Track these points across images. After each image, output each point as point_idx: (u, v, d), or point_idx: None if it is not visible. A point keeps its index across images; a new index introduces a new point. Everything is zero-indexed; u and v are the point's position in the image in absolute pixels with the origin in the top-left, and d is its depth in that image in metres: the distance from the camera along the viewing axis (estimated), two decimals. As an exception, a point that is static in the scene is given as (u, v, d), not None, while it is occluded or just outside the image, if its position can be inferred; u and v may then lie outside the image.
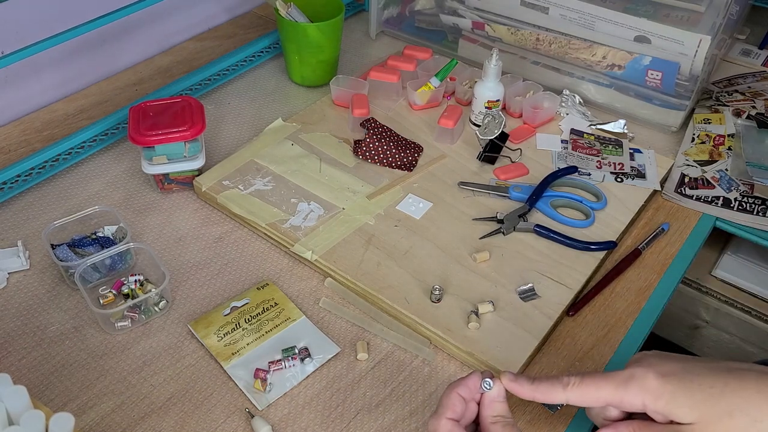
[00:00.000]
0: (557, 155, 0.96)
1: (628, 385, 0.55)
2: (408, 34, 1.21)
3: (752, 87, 1.11)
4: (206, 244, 0.83)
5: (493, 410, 0.57)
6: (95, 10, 0.96)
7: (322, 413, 0.67)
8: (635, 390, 0.55)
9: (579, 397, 0.56)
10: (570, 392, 0.56)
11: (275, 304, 0.76)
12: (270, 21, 1.27)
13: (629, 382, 0.55)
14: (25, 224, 0.85)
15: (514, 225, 0.84)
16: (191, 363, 0.71)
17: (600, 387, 0.56)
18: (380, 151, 0.92)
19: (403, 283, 0.77)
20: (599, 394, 0.56)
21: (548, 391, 0.57)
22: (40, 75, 1.03)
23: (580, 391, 0.56)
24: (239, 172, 0.90)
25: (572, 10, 0.99)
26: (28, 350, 0.71)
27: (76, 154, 0.93)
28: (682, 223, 0.89)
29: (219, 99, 1.07)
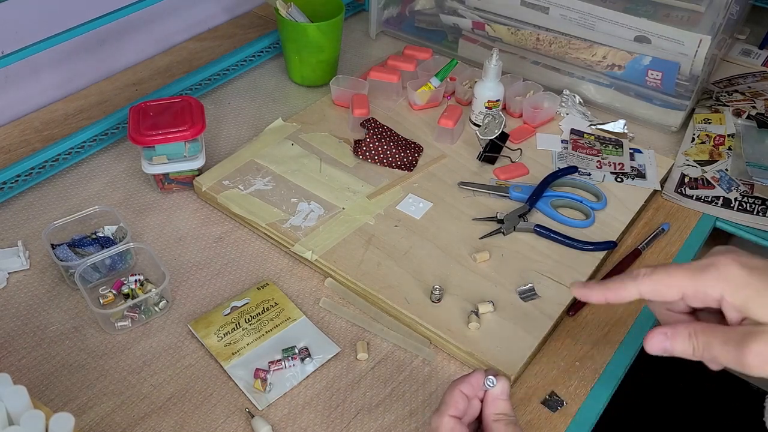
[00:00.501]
0: (557, 155, 0.96)
1: (707, 272, 0.51)
2: (408, 34, 1.21)
3: (752, 87, 1.11)
4: (206, 244, 0.83)
5: (496, 408, 0.57)
6: (95, 10, 0.95)
7: (322, 413, 0.67)
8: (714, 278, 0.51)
9: (651, 288, 0.53)
10: (642, 283, 0.53)
11: (275, 304, 0.76)
12: (270, 21, 1.27)
13: (708, 269, 0.51)
14: (25, 224, 0.85)
15: (514, 225, 0.84)
16: (191, 363, 0.71)
17: (673, 274, 0.52)
18: (380, 151, 0.92)
19: (403, 283, 0.77)
20: (672, 281, 0.52)
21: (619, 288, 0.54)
22: (40, 75, 1.03)
23: (652, 280, 0.53)
24: (239, 172, 0.90)
25: (572, 10, 0.99)
26: (28, 350, 0.71)
27: (76, 154, 0.93)
28: (682, 223, 0.89)
29: (219, 99, 1.07)
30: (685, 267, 0.52)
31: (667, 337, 0.53)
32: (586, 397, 0.69)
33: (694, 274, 0.52)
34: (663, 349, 0.53)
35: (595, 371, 0.72)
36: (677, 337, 0.52)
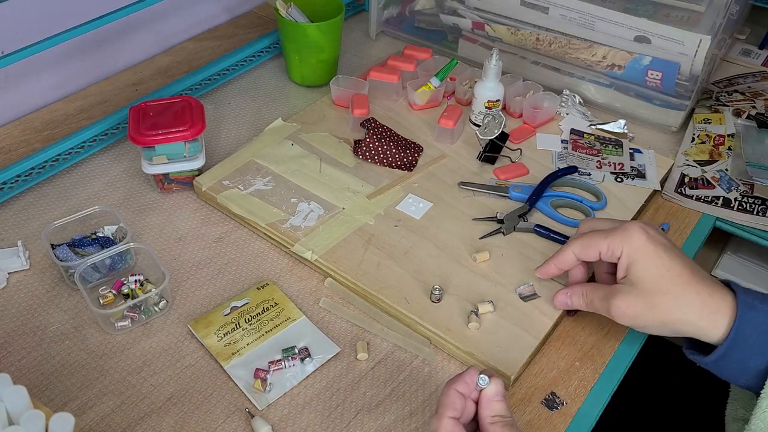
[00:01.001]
0: (557, 155, 0.96)
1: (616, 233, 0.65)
2: (408, 34, 1.21)
3: (752, 87, 1.11)
4: (206, 244, 0.83)
5: (492, 410, 0.57)
6: (95, 10, 0.95)
7: (322, 413, 0.67)
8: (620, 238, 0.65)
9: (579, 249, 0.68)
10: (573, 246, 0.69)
11: (275, 304, 0.76)
12: (270, 21, 1.27)
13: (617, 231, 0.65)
14: (25, 224, 0.85)
15: (514, 225, 0.84)
16: (191, 363, 0.71)
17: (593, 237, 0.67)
18: (380, 151, 0.92)
19: (403, 283, 0.77)
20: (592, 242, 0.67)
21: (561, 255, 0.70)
22: (40, 75, 1.03)
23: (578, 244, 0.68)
24: (239, 172, 0.90)
25: (572, 10, 0.99)
26: (28, 350, 0.71)
27: (76, 154, 0.93)
28: (682, 223, 0.89)
29: (219, 99, 1.07)
30: (602, 232, 0.67)
31: (568, 296, 0.71)
32: (586, 397, 0.69)
33: (607, 235, 0.66)
34: (565, 303, 0.72)
35: (595, 371, 0.72)
36: (574, 295, 0.71)
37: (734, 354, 0.61)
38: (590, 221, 0.72)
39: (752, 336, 0.60)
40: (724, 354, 0.61)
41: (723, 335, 0.62)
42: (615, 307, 0.65)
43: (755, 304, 0.61)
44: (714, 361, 0.62)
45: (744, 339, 0.61)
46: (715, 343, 0.62)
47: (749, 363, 0.61)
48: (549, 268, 0.72)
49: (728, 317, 0.61)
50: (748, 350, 0.61)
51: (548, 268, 0.73)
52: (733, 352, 0.61)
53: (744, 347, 0.61)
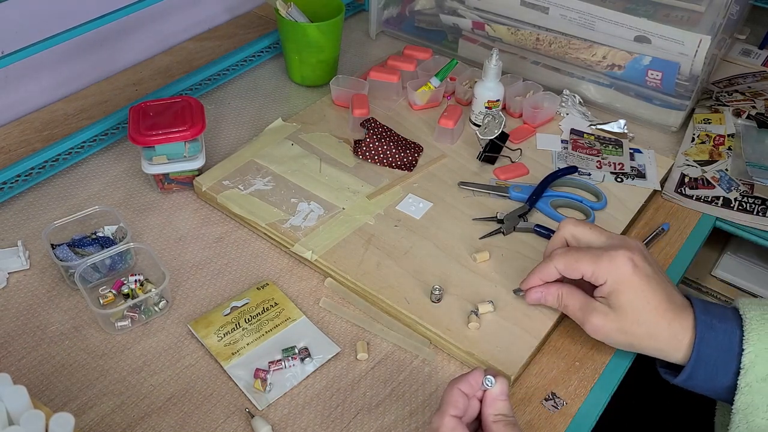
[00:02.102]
0: (557, 155, 0.96)
1: (602, 262, 0.65)
2: (408, 34, 1.21)
3: (752, 87, 1.11)
4: (206, 244, 0.83)
5: (495, 409, 0.58)
6: (95, 10, 0.95)
7: (322, 413, 0.67)
8: (606, 269, 0.65)
9: (563, 267, 0.68)
10: (557, 263, 0.69)
11: (275, 304, 0.76)
12: (270, 21, 1.27)
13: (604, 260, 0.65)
14: (25, 224, 0.85)
15: (514, 225, 0.84)
16: (191, 363, 0.71)
17: (579, 260, 0.67)
18: (380, 151, 0.92)
19: (403, 283, 0.77)
20: (578, 266, 0.67)
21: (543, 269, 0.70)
22: (40, 75, 1.03)
23: (563, 263, 0.68)
24: (239, 172, 0.90)
25: (572, 10, 0.99)
26: (28, 350, 0.71)
27: (76, 154, 0.93)
28: (682, 223, 0.89)
29: (219, 99, 1.07)
30: (588, 254, 0.67)
31: (542, 294, 0.71)
32: (586, 397, 0.69)
33: (594, 262, 0.66)
34: (538, 300, 0.72)
35: (595, 371, 0.72)
36: (549, 295, 0.71)
37: (699, 374, 0.63)
38: (571, 224, 0.71)
39: (713, 355, 0.62)
40: (690, 374, 0.63)
41: (685, 355, 0.64)
42: (590, 323, 0.67)
43: (713, 324, 0.63)
44: (683, 381, 0.64)
45: (706, 358, 0.62)
46: (679, 362, 0.65)
47: (716, 381, 0.62)
48: (532, 280, 0.72)
49: (689, 338, 0.63)
50: (711, 369, 0.62)
51: (532, 280, 0.72)
52: (698, 372, 0.63)
53: (707, 367, 0.62)
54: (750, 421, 0.60)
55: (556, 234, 0.72)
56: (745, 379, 0.60)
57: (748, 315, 0.62)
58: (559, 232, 0.72)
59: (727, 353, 0.62)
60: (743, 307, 0.63)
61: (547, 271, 0.70)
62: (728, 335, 0.62)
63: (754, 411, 0.60)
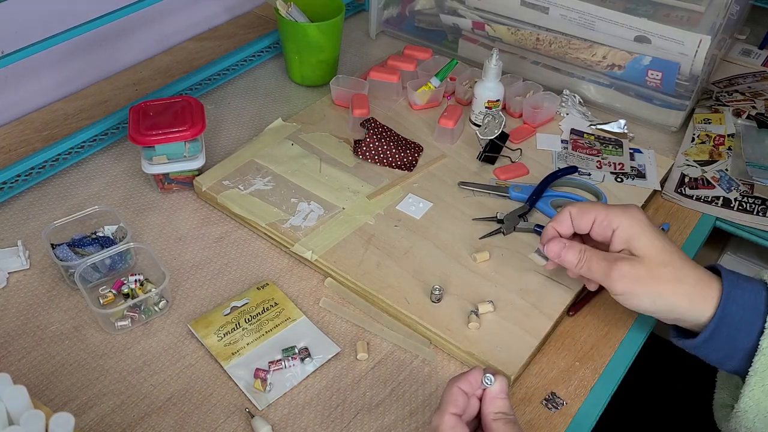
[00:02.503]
0: (557, 155, 0.96)
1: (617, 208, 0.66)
2: (408, 34, 1.21)
3: (752, 87, 1.11)
4: (206, 244, 0.83)
5: (495, 407, 0.58)
6: (95, 10, 0.95)
7: (322, 413, 0.67)
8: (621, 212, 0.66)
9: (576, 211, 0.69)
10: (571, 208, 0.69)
11: (275, 304, 0.76)
12: (270, 21, 1.27)
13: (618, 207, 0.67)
14: (25, 224, 0.85)
15: (514, 225, 0.84)
16: (191, 363, 0.71)
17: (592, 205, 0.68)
18: (380, 151, 0.92)
19: (403, 283, 0.77)
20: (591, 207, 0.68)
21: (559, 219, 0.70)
22: (40, 75, 1.03)
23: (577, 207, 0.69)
24: (239, 172, 0.90)
25: (572, 10, 0.99)
26: (28, 350, 0.71)
27: (76, 154, 0.93)
28: (682, 223, 0.89)
29: (219, 99, 1.07)
30: (600, 204, 0.69)
31: (564, 247, 0.69)
32: (586, 397, 0.69)
33: (607, 207, 0.67)
34: (558, 254, 0.69)
35: (595, 371, 0.72)
36: (571, 248, 0.69)
37: (722, 333, 0.62)
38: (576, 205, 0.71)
39: (738, 314, 0.62)
40: (712, 333, 0.62)
41: (710, 315, 0.63)
42: (617, 270, 0.65)
43: (740, 283, 0.63)
44: (703, 342, 0.63)
45: (730, 317, 0.62)
46: (703, 323, 0.63)
47: (736, 342, 0.62)
48: (548, 231, 0.71)
49: (716, 297, 0.63)
50: (734, 329, 0.62)
51: (548, 231, 0.71)
52: (720, 331, 0.62)
53: (731, 325, 0.62)
54: (766, 384, 0.60)
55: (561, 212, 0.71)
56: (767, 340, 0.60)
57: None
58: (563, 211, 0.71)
59: (753, 312, 0.61)
60: None
61: (561, 217, 0.70)
62: (754, 294, 0.62)
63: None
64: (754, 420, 0.61)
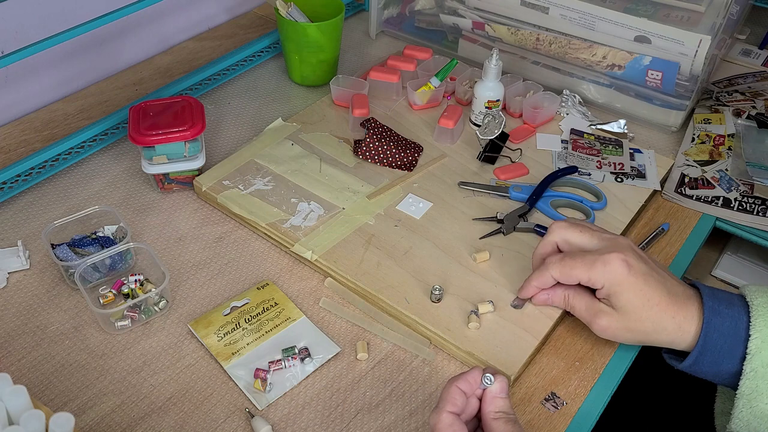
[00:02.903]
0: (557, 155, 0.96)
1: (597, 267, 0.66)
2: (408, 34, 1.21)
3: (752, 87, 1.11)
4: (206, 244, 0.83)
5: (495, 406, 0.58)
6: (95, 10, 0.95)
7: (322, 413, 0.67)
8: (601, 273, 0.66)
9: (558, 274, 0.69)
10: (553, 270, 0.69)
11: (275, 304, 0.76)
12: (270, 21, 1.27)
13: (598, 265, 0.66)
14: (25, 224, 0.85)
15: (514, 225, 0.84)
16: (191, 363, 0.71)
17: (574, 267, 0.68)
18: (380, 151, 0.92)
19: (403, 283, 0.77)
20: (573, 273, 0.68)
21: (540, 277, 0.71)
22: (40, 75, 1.03)
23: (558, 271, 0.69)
24: (239, 172, 0.90)
25: (572, 10, 0.99)
26: (28, 350, 0.71)
27: (76, 154, 0.93)
28: (682, 223, 0.89)
29: (219, 99, 1.07)
30: (583, 261, 0.67)
31: (549, 297, 0.72)
32: (586, 397, 0.69)
33: (589, 268, 0.67)
34: (544, 302, 0.73)
35: (595, 371, 0.72)
36: (555, 296, 0.72)
37: (705, 359, 0.64)
38: (561, 228, 0.71)
39: (719, 341, 0.63)
40: (696, 360, 0.64)
41: (692, 342, 0.64)
42: (597, 324, 0.68)
43: (720, 310, 0.64)
44: (688, 366, 0.65)
45: (712, 344, 0.63)
46: (687, 349, 0.65)
47: (721, 366, 0.63)
48: (529, 289, 0.73)
49: (696, 325, 0.64)
50: (717, 354, 0.63)
51: (530, 290, 0.73)
52: (704, 357, 0.63)
53: (713, 352, 0.63)
54: (754, 407, 0.61)
55: (547, 237, 0.73)
56: (751, 364, 0.61)
57: (755, 302, 0.63)
58: (550, 236, 0.72)
59: (734, 338, 0.62)
60: (750, 293, 0.64)
61: (544, 279, 0.71)
62: (735, 321, 0.63)
63: (759, 396, 0.60)
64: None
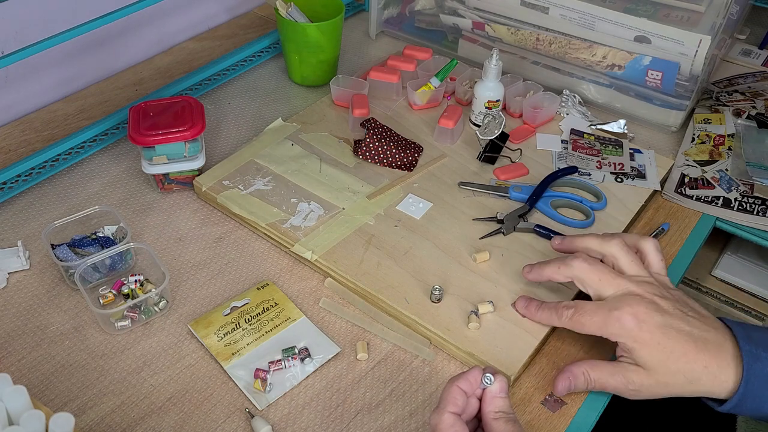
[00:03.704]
0: (557, 155, 0.96)
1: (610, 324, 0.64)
2: (408, 34, 1.21)
3: (752, 87, 1.11)
4: (206, 244, 0.83)
5: (495, 406, 0.58)
6: (95, 10, 0.95)
7: (322, 413, 0.67)
8: (615, 330, 0.64)
9: (571, 327, 0.67)
10: (564, 323, 0.68)
11: (275, 304, 0.76)
12: (270, 21, 1.27)
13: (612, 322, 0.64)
14: (25, 224, 0.85)
15: (514, 225, 0.84)
16: (191, 363, 0.71)
17: (586, 324, 0.66)
18: (380, 151, 0.92)
19: (403, 283, 0.77)
20: (585, 328, 0.66)
21: (550, 316, 0.69)
22: (40, 75, 1.03)
23: (572, 324, 0.67)
24: (239, 172, 0.90)
25: (572, 10, 0.99)
26: (28, 350, 0.71)
27: (76, 154, 0.93)
28: (682, 223, 0.89)
29: (219, 99, 1.07)
30: (596, 316, 0.65)
31: (570, 381, 0.67)
32: (586, 397, 0.69)
33: (601, 326, 0.65)
34: (568, 388, 0.67)
35: (595, 371, 0.72)
36: (576, 378, 0.67)
37: (747, 404, 0.61)
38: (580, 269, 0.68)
39: (761, 387, 0.60)
40: (736, 405, 0.61)
41: (732, 390, 0.62)
42: (632, 383, 0.64)
43: (759, 354, 0.61)
44: (729, 410, 0.62)
45: (753, 391, 0.61)
46: (725, 397, 0.62)
47: (763, 410, 0.61)
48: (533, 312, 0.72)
49: (734, 373, 0.61)
50: (759, 400, 0.61)
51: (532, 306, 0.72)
52: (745, 403, 0.61)
53: (755, 397, 0.61)
54: None
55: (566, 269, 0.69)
56: None
57: None
58: (570, 271, 0.69)
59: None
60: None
61: (553, 322, 0.70)
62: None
63: None
64: None
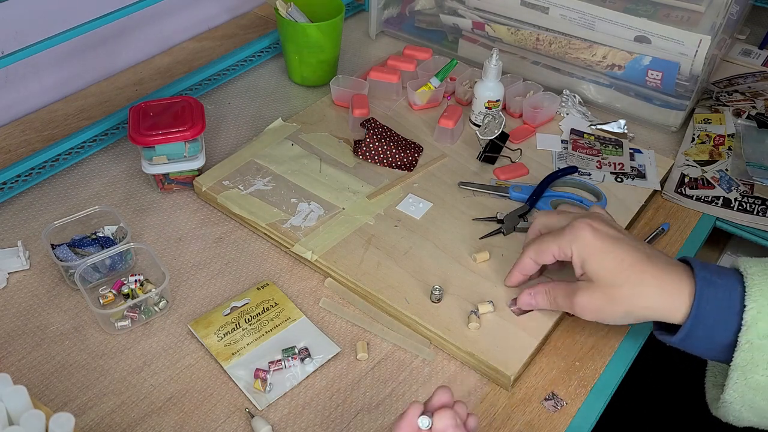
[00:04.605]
0: (557, 155, 0.96)
1: (564, 235, 0.67)
2: (408, 34, 1.21)
3: (752, 87, 1.11)
4: (206, 244, 0.83)
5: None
6: (95, 10, 0.95)
7: (322, 413, 0.67)
8: (569, 239, 0.66)
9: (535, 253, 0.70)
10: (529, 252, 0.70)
11: (275, 304, 0.76)
12: (270, 21, 1.27)
13: (565, 232, 0.67)
14: (25, 224, 0.85)
15: (514, 225, 0.84)
16: (191, 363, 0.71)
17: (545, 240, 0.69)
18: (380, 151, 0.92)
19: (403, 283, 0.77)
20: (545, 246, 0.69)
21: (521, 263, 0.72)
22: (40, 75, 1.03)
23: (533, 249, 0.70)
24: (239, 172, 0.90)
25: (572, 10, 0.99)
26: (28, 350, 0.71)
27: (76, 154, 0.93)
28: (682, 223, 0.89)
29: (219, 99, 1.07)
30: (552, 234, 0.69)
31: (532, 296, 0.71)
32: (586, 397, 0.69)
33: (557, 237, 0.68)
34: (530, 304, 0.72)
35: (595, 371, 0.72)
36: (537, 294, 0.71)
37: (698, 332, 0.61)
38: (542, 215, 0.73)
39: (713, 312, 0.60)
40: (689, 333, 0.61)
41: (685, 314, 0.61)
42: (577, 304, 0.66)
43: (713, 280, 0.61)
44: (680, 340, 0.62)
45: (705, 316, 0.60)
46: (679, 322, 0.62)
47: (715, 338, 0.61)
48: (514, 276, 0.74)
49: (688, 296, 0.61)
50: (711, 326, 0.61)
51: (514, 277, 0.74)
52: (697, 330, 0.61)
53: (707, 324, 0.61)
54: (749, 378, 0.59)
55: (531, 226, 0.75)
56: (746, 336, 0.58)
57: (749, 270, 0.60)
58: (533, 225, 0.74)
59: (728, 310, 0.60)
60: (744, 264, 0.62)
61: (524, 264, 0.72)
62: (728, 291, 0.60)
63: (754, 368, 0.58)
64: (740, 410, 0.61)
